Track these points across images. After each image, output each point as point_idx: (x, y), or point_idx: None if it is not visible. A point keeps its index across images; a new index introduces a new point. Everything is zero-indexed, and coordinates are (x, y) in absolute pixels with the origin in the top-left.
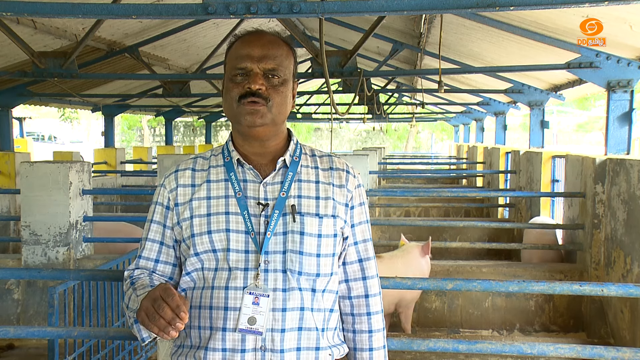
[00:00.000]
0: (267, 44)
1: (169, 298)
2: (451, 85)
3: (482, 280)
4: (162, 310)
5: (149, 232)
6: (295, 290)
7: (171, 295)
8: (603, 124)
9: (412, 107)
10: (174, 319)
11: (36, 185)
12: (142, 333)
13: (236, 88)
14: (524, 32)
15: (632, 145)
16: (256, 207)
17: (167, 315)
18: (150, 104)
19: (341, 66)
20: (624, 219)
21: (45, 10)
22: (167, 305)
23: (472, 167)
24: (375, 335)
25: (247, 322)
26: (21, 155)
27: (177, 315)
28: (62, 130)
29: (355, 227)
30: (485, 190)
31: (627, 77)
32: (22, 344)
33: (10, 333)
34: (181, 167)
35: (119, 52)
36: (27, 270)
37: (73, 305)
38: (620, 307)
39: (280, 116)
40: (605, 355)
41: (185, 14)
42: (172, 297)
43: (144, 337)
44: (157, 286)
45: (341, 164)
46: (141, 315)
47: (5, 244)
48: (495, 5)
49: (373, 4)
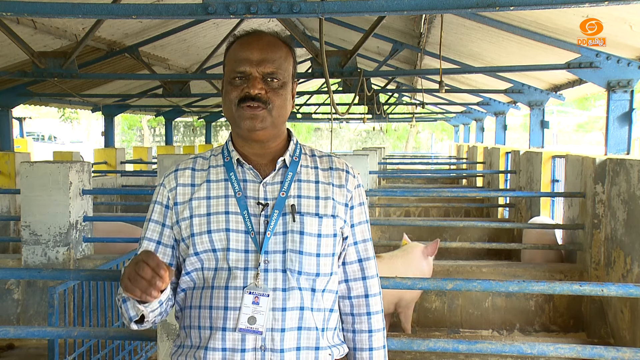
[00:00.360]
0: (265, 47)
1: (149, 259)
2: (451, 85)
3: (482, 280)
4: (142, 270)
5: (146, 232)
6: (295, 289)
7: (151, 256)
8: (603, 124)
9: (412, 107)
10: (153, 277)
11: (36, 185)
12: (130, 312)
13: (235, 91)
14: (524, 32)
15: (632, 145)
16: (256, 207)
17: (147, 274)
18: (150, 104)
19: (341, 66)
20: (624, 219)
21: (45, 10)
22: (147, 265)
23: (472, 167)
24: (375, 335)
25: (247, 322)
26: (21, 155)
27: (157, 273)
28: (62, 130)
29: (355, 227)
30: (485, 190)
31: (627, 77)
32: (22, 344)
33: (10, 333)
34: (181, 167)
35: (119, 52)
36: (27, 270)
37: (73, 305)
38: (620, 307)
39: (280, 118)
40: (605, 355)
41: (185, 14)
42: (152, 257)
43: (131, 316)
44: (140, 252)
45: (341, 164)
46: (124, 282)
47: (5, 244)
48: (495, 5)
49: (373, 4)
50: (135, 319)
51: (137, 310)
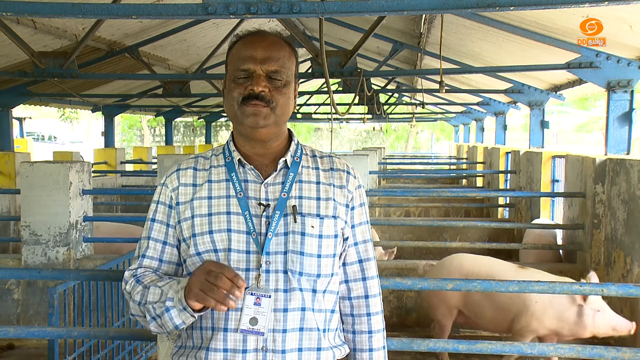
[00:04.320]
0: (269, 46)
1: (224, 270)
2: (451, 85)
3: (482, 281)
4: (220, 280)
5: (151, 231)
6: (296, 290)
7: (226, 267)
8: (603, 124)
9: (412, 107)
10: (232, 287)
11: (36, 185)
12: (175, 320)
13: (238, 89)
14: (524, 32)
15: (632, 145)
16: (257, 208)
17: (227, 284)
18: (150, 104)
19: (341, 66)
20: (624, 219)
21: (45, 10)
22: (224, 275)
23: (472, 167)
24: (375, 336)
25: (249, 323)
26: (21, 155)
27: (235, 284)
28: (62, 130)
29: (355, 227)
30: (485, 190)
31: (627, 77)
32: (22, 344)
33: (10, 333)
34: (183, 166)
35: (119, 52)
36: (27, 270)
37: (73, 305)
38: (620, 307)
39: (283, 117)
40: (605, 355)
41: (185, 14)
42: (227, 268)
43: (177, 325)
44: (206, 262)
45: (342, 164)
46: (194, 291)
47: (5, 244)
48: (495, 5)
49: (373, 4)
50: (182, 326)
51: (187, 318)
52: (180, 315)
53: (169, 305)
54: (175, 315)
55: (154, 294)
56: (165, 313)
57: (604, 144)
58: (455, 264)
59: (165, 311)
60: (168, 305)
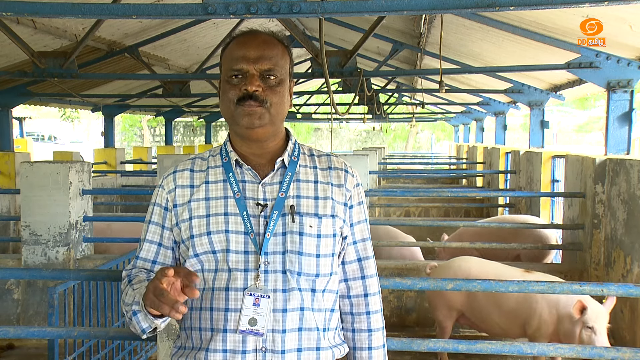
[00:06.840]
0: (262, 45)
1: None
2: (451, 85)
3: (482, 280)
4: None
5: (147, 233)
6: (295, 290)
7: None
8: (603, 124)
9: (412, 107)
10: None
11: (36, 185)
12: (142, 324)
13: (233, 90)
14: (524, 32)
15: (632, 145)
16: (255, 208)
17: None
18: (150, 104)
19: (341, 66)
20: (624, 219)
21: (45, 10)
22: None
23: (472, 167)
24: (375, 335)
25: (248, 323)
26: (21, 155)
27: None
28: (62, 130)
29: (354, 226)
30: (485, 190)
31: (627, 77)
32: (22, 344)
33: (10, 333)
34: (179, 168)
35: (119, 52)
36: (27, 270)
37: (73, 305)
38: (620, 307)
39: (279, 116)
40: (605, 355)
41: (185, 14)
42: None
43: (144, 328)
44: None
45: (339, 163)
46: (149, 297)
47: (5, 244)
48: (495, 5)
49: (373, 4)
50: (149, 330)
51: (151, 322)
52: (145, 319)
53: (135, 309)
54: (142, 319)
55: (130, 295)
56: (133, 317)
57: (603, 144)
58: (464, 267)
59: (132, 315)
60: (134, 309)
